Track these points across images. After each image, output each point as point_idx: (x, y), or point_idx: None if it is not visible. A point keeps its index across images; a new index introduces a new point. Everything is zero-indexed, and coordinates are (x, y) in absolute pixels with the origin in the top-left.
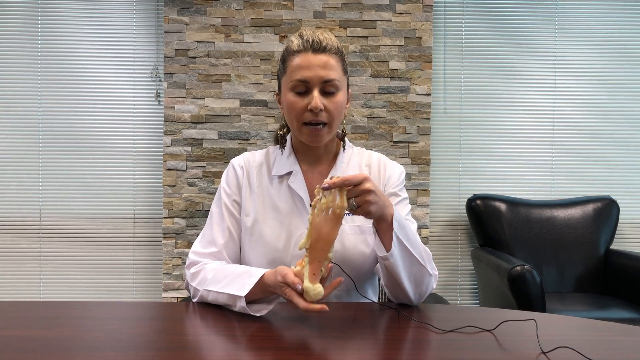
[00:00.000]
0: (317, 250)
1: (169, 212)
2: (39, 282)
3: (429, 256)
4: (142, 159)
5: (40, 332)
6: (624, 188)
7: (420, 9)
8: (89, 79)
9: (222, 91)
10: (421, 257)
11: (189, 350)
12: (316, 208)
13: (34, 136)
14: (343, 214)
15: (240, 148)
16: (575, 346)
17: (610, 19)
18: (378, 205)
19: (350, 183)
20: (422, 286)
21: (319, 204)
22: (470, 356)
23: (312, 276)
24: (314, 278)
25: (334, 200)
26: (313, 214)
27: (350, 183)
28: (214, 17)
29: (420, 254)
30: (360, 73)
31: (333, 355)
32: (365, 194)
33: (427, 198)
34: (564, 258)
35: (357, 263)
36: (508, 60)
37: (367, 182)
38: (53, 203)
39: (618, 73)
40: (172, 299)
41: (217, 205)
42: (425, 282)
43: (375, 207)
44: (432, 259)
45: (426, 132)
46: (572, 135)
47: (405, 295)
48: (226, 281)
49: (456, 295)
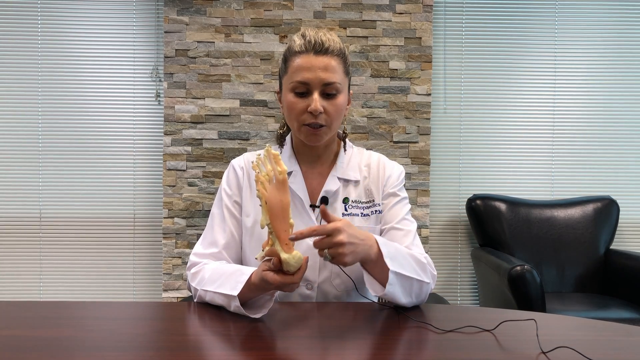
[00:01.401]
0: (279, 221)
1: (169, 212)
2: (39, 282)
3: (424, 266)
4: (142, 159)
5: (40, 332)
6: (624, 188)
7: (420, 9)
8: (89, 79)
9: (222, 91)
10: (417, 274)
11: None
12: (259, 183)
13: (34, 136)
14: (286, 177)
15: (240, 148)
16: (575, 346)
17: (610, 19)
18: (354, 254)
19: (318, 234)
20: (421, 296)
21: (261, 177)
22: (470, 356)
23: (286, 246)
24: (288, 247)
25: (274, 168)
26: (260, 189)
27: (318, 234)
28: (214, 17)
29: (416, 272)
30: (360, 73)
31: (333, 355)
32: (337, 246)
33: (427, 198)
34: (564, 258)
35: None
36: (508, 60)
37: (338, 234)
38: (53, 203)
39: (618, 73)
40: (172, 299)
41: (218, 206)
42: (424, 290)
43: (350, 257)
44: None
45: (426, 132)
46: (572, 135)
47: (404, 306)
48: (221, 281)
49: (456, 295)
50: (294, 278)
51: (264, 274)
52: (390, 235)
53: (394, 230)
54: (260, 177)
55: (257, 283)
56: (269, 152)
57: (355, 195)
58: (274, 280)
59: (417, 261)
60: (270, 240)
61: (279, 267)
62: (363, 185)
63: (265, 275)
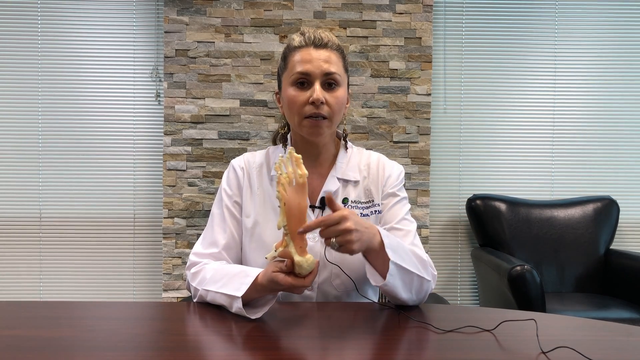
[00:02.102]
0: (296, 223)
1: (169, 212)
2: (39, 282)
3: (425, 263)
4: (142, 159)
5: (40, 332)
6: (624, 188)
7: (420, 9)
8: (89, 79)
9: (222, 91)
10: (418, 270)
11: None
12: (280, 184)
13: (34, 136)
14: (306, 181)
15: (240, 148)
16: (575, 346)
17: (610, 19)
18: (361, 241)
19: (326, 224)
20: (422, 293)
21: (282, 178)
22: (470, 356)
23: (300, 249)
24: (302, 250)
25: (294, 171)
26: (280, 191)
27: (326, 224)
28: (214, 17)
29: (417, 267)
30: (360, 73)
31: (333, 355)
32: (345, 234)
33: (427, 198)
34: (564, 258)
35: (357, 263)
36: (508, 60)
37: (345, 222)
38: (53, 203)
39: (618, 73)
40: (172, 299)
41: (218, 206)
42: (425, 288)
43: (357, 244)
44: (428, 264)
45: (426, 132)
46: (572, 135)
47: (405, 303)
48: (224, 281)
49: (456, 295)
50: (305, 281)
51: (274, 275)
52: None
53: (393, 230)
54: (282, 178)
55: (265, 284)
56: (291, 155)
57: (355, 196)
58: (285, 282)
59: (419, 257)
60: (284, 242)
61: (290, 269)
62: (362, 185)
63: (276, 276)
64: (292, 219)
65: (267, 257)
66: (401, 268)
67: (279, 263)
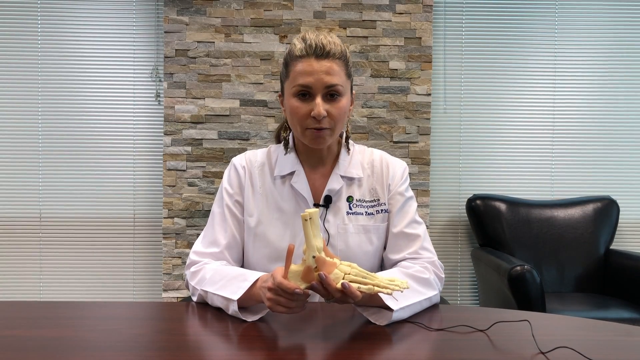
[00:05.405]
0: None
1: (169, 212)
2: (39, 282)
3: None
4: (142, 159)
5: (40, 332)
6: (624, 188)
7: (420, 9)
8: (89, 79)
9: (222, 91)
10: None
11: (189, 350)
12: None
13: (34, 136)
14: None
15: (240, 148)
16: (575, 346)
17: (610, 19)
18: (362, 301)
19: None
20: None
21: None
22: (462, 356)
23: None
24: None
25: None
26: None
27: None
28: (213, 17)
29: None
30: (360, 73)
31: (333, 355)
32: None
33: (427, 198)
34: (564, 258)
35: (361, 262)
36: (508, 60)
37: (352, 300)
38: (53, 203)
39: (618, 73)
40: (172, 299)
41: (219, 205)
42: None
43: (361, 300)
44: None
45: (426, 132)
46: (572, 135)
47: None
48: (222, 283)
49: (456, 295)
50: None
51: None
52: (398, 240)
53: (402, 235)
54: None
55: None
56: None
57: (359, 194)
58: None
59: (419, 280)
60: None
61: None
62: (367, 184)
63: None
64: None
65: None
66: (406, 307)
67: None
